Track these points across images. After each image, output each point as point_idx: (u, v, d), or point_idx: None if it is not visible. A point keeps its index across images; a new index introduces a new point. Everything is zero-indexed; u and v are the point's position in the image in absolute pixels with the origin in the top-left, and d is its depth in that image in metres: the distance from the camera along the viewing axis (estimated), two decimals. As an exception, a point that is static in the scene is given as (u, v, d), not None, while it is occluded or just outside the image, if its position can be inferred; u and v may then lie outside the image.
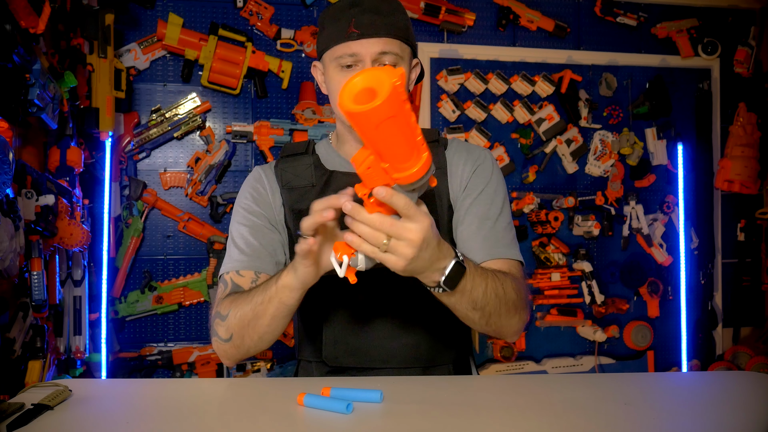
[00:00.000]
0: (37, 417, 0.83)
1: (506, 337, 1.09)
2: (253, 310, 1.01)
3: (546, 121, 2.80)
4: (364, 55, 1.09)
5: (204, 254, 2.56)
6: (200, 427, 0.83)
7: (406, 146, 0.75)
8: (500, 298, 0.99)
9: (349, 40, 1.08)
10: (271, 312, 0.99)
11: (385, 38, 1.09)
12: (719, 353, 2.95)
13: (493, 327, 1.03)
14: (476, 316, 0.99)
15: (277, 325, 1.02)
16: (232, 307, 1.05)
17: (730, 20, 2.99)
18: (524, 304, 1.06)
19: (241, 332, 1.04)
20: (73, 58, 2.08)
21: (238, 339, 1.05)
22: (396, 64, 1.11)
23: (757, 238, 2.99)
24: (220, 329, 1.06)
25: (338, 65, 1.11)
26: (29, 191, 1.57)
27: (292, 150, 1.22)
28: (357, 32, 1.08)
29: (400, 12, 1.13)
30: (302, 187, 1.17)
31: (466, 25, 2.75)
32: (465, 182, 1.17)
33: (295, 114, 2.61)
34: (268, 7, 2.58)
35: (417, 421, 0.83)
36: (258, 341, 1.05)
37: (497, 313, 1.00)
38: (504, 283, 1.00)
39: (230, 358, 1.09)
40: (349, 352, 1.15)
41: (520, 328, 1.08)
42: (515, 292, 1.02)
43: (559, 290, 2.81)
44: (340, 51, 1.10)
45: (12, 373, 1.54)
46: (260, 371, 2.53)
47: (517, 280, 1.06)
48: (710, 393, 1.02)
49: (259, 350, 1.08)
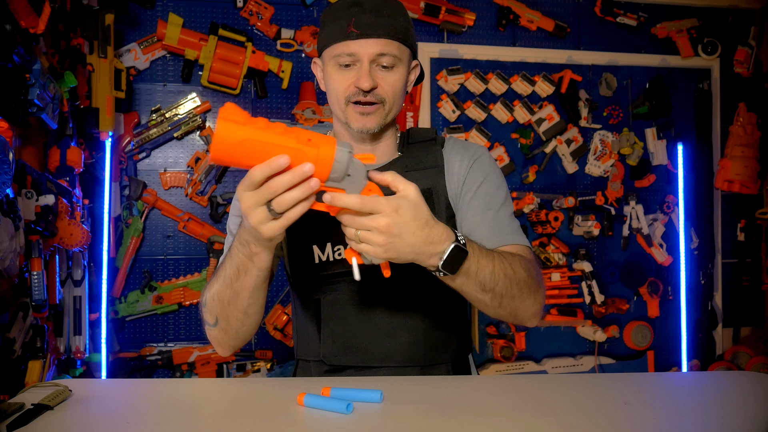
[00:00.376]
0: (37, 417, 0.83)
1: (525, 322, 1.07)
2: (231, 287, 0.99)
3: (546, 121, 2.80)
4: (362, 55, 1.09)
5: (204, 254, 2.56)
6: (200, 427, 0.83)
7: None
8: (510, 278, 0.98)
9: (348, 39, 1.08)
10: (251, 282, 0.97)
11: (384, 39, 1.09)
12: (719, 353, 2.95)
13: (507, 310, 1.02)
14: (487, 298, 0.98)
15: (259, 293, 1.00)
16: (208, 292, 1.04)
17: (730, 20, 2.99)
18: (538, 284, 1.05)
19: (224, 312, 1.02)
20: (73, 58, 2.08)
21: (224, 321, 1.03)
22: (394, 65, 1.11)
23: (757, 238, 2.99)
24: (206, 316, 1.06)
25: (336, 64, 1.11)
26: (29, 191, 1.57)
27: None
28: (356, 32, 1.08)
29: (400, 13, 1.13)
30: None
31: (466, 25, 2.75)
32: (463, 178, 1.17)
33: (295, 114, 2.61)
34: (268, 7, 2.58)
35: (417, 422, 0.83)
36: (243, 317, 1.02)
37: (510, 294, 0.99)
38: (513, 263, 1.00)
39: (223, 345, 1.08)
40: (347, 350, 1.15)
41: (537, 311, 1.07)
42: (526, 271, 1.02)
43: (559, 290, 2.82)
44: (339, 50, 1.10)
45: (12, 373, 1.54)
46: (260, 371, 2.53)
47: (527, 260, 1.05)
48: (710, 393, 1.02)
49: (248, 329, 1.05)
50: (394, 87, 1.12)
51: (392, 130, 1.22)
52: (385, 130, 1.18)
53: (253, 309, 1.02)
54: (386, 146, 1.21)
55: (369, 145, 1.19)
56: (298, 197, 0.80)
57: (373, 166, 1.14)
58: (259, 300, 1.02)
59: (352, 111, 1.12)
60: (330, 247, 1.15)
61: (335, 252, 1.15)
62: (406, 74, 1.15)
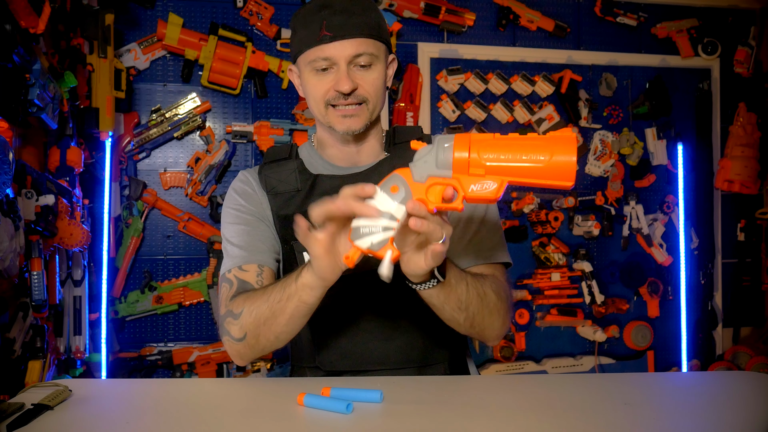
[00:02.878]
0: (37, 417, 0.83)
1: (487, 341, 1.10)
2: (271, 309, 0.98)
3: (546, 121, 2.80)
4: (338, 58, 1.07)
5: (204, 254, 2.56)
6: (200, 427, 0.83)
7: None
8: (481, 298, 1.00)
9: (322, 43, 1.06)
10: (290, 311, 0.97)
11: (359, 39, 1.07)
12: (719, 353, 2.95)
13: (477, 329, 1.04)
14: (461, 317, 1.00)
15: (295, 324, 1.00)
16: (246, 305, 1.02)
17: (730, 20, 2.99)
18: (506, 307, 1.06)
19: (255, 331, 1.01)
20: (73, 58, 2.08)
21: (253, 338, 1.02)
22: (371, 63, 1.09)
23: (757, 238, 2.99)
24: (232, 328, 1.03)
25: (313, 69, 1.09)
26: (29, 191, 1.57)
27: (275, 155, 1.21)
28: (329, 35, 1.06)
29: (371, 9, 1.11)
30: (287, 192, 1.16)
31: (466, 25, 2.75)
32: None
33: (295, 114, 2.61)
34: (268, 7, 2.58)
35: (417, 421, 0.83)
36: (274, 341, 1.02)
37: (480, 313, 1.01)
38: (483, 285, 1.02)
39: (242, 357, 1.07)
40: (342, 356, 1.14)
41: (501, 333, 1.08)
42: (495, 294, 1.03)
43: (559, 290, 2.81)
44: (314, 55, 1.08)
45: (12, 373, 1.53)
46: (260, 371, 2.53)
47: (497, 282, 1.06)
48: (710, 393, 1.01)
49: (273, 349, 1.06)
50: (375, 85, 1.10)
51: (377, 129, 1.19)
52: (369, 130, 1.16)
53: (285, 336, 1.02)
54: (372, 146, 1.19)
55: (354, 146, 1.17)
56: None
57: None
58: (293, 330, 1.02)
59: (333, 114, 1.11)
60: None
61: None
62: (385, 70, 1.13)
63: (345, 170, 1.18)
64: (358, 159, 1.19)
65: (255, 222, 1.16)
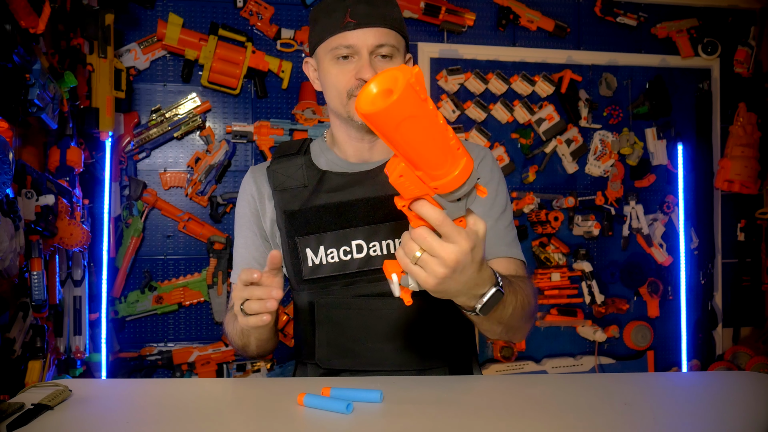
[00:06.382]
0: (37, 417, 0.83)
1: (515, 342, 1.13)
2: (241, 339, 1.12)
3: (546, 121, 2.80)
4: (361, 46, 1.07)
5: (204, 254, 2.56)
6: (200, 427, 0.83)
7: (436, 150, 0.67)
8: (524, 309, 0.99)
9: (346, 30, 1.07)
10: (253, 340, 1.10)
11: (382, 29, 1.07)
12: (719, 353, 2.95)
13: (509, 335, 1.04)
14: (499, 329, 0.99)
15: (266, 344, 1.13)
16: (228, 329, 1.16)
17: (730, 20, 2.99)
18: (536, 309, 1.07)
19: (242, 350, 1.16)
20: (73, 58, 2.08)
21: (242, 351, 1.17)
22: (393, 55, 1.09)
23: (757, 238, 2.99)
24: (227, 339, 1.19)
25: (333, 57, 1.09)
26: (29, 191, 1.57)
27: (285, 150, 1.22)
28: (353, 22, 1.06)
29: (393, 4, 1.12)
30: (294, 188, 1.17)
31: (466, 25, 2.75)
32: None
33: (295, 114, 2.61)
34: (268, 7, 2.58)
35: (417, 422, 0.82)
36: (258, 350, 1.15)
37: (517, 326, 1.01)
38: (527, 294, 1.00)
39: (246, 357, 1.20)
40: (342, 354, 1.14)
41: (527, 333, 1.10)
42: (533, 298, 1.03)
43: (559, 290, 2.81)
44: (336, 42, 1.08)
45: (12, 373, 1.53)
46: (260, 371, 2.53)
47: (530, 285, 1.06)
48: (710, 393, 1.01)
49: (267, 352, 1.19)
50: None
51: None
52: None
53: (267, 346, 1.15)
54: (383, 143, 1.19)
55: (368, 142, 1.18)
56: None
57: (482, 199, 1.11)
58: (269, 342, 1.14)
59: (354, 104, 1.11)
60: (323, 250, 1.14)
61: (328, 255, 1.14)
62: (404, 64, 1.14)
63: (355, 167, 1.19)
64: (369, 156, 1.20)
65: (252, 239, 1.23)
